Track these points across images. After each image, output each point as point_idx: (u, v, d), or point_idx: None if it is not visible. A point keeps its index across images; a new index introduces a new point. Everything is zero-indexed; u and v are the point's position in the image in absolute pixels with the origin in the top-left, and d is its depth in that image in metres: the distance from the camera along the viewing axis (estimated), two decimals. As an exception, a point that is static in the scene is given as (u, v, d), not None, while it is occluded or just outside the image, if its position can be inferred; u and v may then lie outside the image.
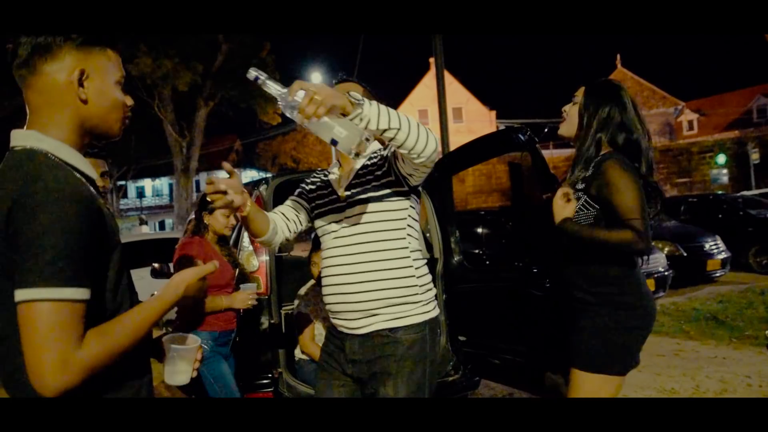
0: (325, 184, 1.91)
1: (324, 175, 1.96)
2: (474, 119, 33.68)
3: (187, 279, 1.18)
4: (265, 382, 2.96)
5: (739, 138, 21.52)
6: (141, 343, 1.10)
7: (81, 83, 1.09)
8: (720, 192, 16.59)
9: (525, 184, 3.26)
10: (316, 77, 17.62)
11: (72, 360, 0.94)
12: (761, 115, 31.41)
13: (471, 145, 3.19)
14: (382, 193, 1.75)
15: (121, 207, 35.99)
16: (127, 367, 1.11)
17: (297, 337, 3.31)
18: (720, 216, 10.08)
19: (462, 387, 3.35)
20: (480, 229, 6.63)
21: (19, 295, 0.94)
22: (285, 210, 1.92)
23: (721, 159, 20.23)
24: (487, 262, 5.91)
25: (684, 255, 8.35)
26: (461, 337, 3.38)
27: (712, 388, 3.94)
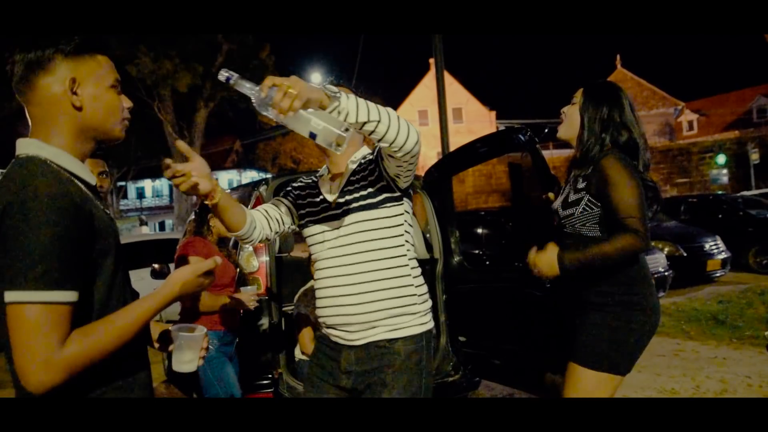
0: (315, 189, 1.83)
1: (312, 180, 1.89)
2: (474, 120, 33.68)
3: (183, 277, 1.20)
4: (266, 382, 2.97)
5: (739, 138, 21.52)
6: (136, 340, 1.12)
7: (74, 91, 1.13)
8: (720, 192, 16.58)
9: (525, 184, 3.26)
10: (316, 78, 17.61)
11: (54, 360, 0.97)
12: (761, 116, 31.39)
13: (471, 146, 3.19)
14: (376, 200, 1.68)
15: (122, 208, 36.00)
16: (122, 364, 1.13)
17: (297, 338, 3.31)
18: (720, 216, 10.09)
19: (462, 387, 3.35)
20: (480, 230, 6.64)
21: (7, 297, 0.98)
22: (268, 208, 1.84)
23: (721, 159, 20.22)
24: (487, 262, 5.91)
25: (684, 255, 8.35)
26: (461, 338, 3.38)
27: (712, 388, 3.94)
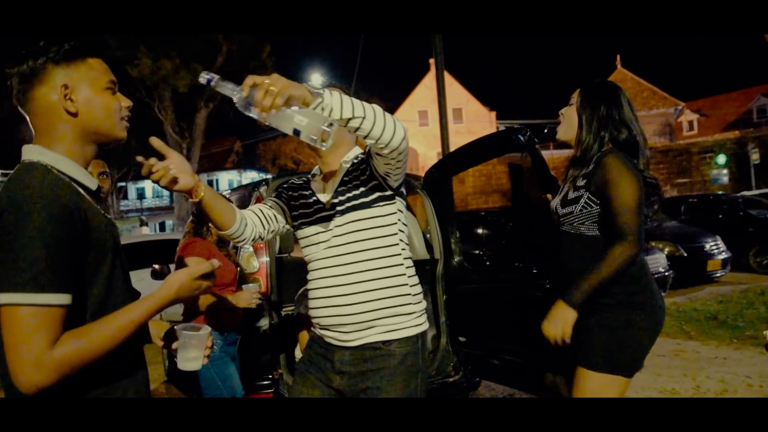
0: (307, 190, 1.82)
1: (304, 181, 1.88)
2: (474, 120, 33.67)
3: (180, 280, 1.20)
4: (266, 383, 2.97)
5: (739, 138, 21.53)
6: (134, 341, 1.12)
7: (68, 98, 1.14)
8: (720, 192, 16.59)
9: (525, 184, 3.26)
10: (316, 78, 17.63)
11: (44, 360, 0.99)
12: (761, 116, 31.39)
13: (471, 146, 3.19)
14: (369, 199, 1.67)
15: (122, 208, 36.01)
16: (118, 364, 1.14)
17: (297, 338, 3.30)
18: (720, 216, 10.09)
19: (462, 388, 3.35)
20: (480, 230, 6.63)
21: (0, 299, 1.00)
22: (261, 207, 1.82)
23: (721, 159, 20.24)
24: (488, 262, 5.91)
25: (684, 255, 8.35)
26: (462, 338, 3.38)
27: (712, 388, 3.94)
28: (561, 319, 1.87)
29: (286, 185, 1.92)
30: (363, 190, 1.69)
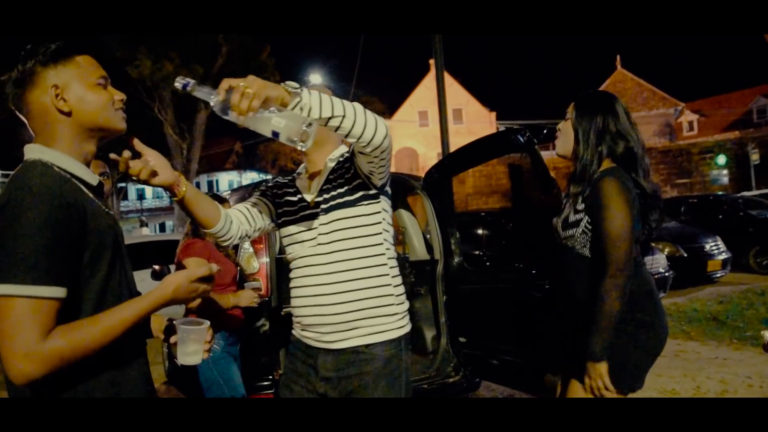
0: (292, 188, 1.81)
1: (289, 180, 1.87)
2: (474, 120, 33.68)
3: (176, 282, 1.20)
4: (266, 383, 2.96)
5: (740, 139, 21.51)
6: (133, 337, 1.13)
7: (60, 98, 1.15)
8: (720, 193, 16.58)
9: (525, 185, 3.26)
10: (315, 79, 17.62)
11: (34, 352, 1.00)
12: (761, 116, 31.38)
13: (471, 147, 3.19)
14: (353, 197, 1.66)
15: (122, 209, 35.99)
16: (117, 361, 1.15)
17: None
18: (720, 217, 10.09)
19: (462, 388, 3.36)
20: (480, 231, 6.63)
21: None
22: (247, 205, 1.80)
23: (721, 160, 20.23)
24: (488, 263, 5.90)
25: (684, 256, 8.35)
26: (461, 339, 3.38)
27: (712, 388, 3.94)
28: (596, 376, 1.82)
29: (271, 183, 1.90)
30: (347, 188, 1.67)
